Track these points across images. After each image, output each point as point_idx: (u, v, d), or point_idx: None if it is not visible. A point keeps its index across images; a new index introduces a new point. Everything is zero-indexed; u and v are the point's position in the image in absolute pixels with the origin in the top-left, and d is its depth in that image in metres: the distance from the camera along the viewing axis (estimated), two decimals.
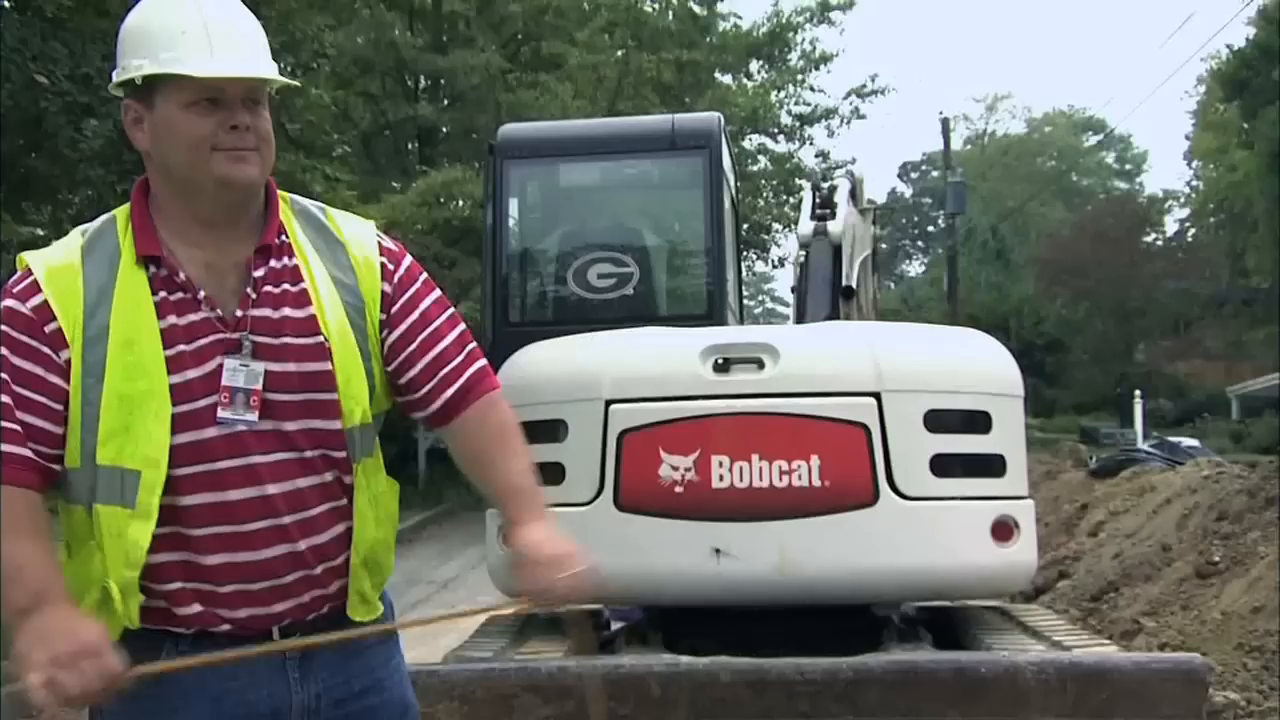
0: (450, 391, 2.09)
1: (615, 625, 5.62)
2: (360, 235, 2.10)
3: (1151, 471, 11.33)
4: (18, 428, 1.87)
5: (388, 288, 2.08)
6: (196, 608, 1.93)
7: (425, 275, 2.17)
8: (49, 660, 1.72)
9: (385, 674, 2.09)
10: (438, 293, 2.16)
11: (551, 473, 4.80)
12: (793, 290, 8.25)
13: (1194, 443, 15.64)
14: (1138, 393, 26.13)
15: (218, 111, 1.93)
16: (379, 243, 2.11)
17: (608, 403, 4.65)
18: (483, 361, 2.15)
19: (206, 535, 1.91)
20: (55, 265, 1.94)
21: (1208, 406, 35.87)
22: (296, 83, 1.96)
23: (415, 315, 2.09)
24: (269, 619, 1.94)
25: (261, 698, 1.94)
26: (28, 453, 1.87)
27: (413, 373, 2.08)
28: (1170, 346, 41.96)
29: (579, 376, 4.76)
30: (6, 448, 1.86)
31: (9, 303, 1.91)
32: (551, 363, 4.98)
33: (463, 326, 2.16)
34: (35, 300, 1.91)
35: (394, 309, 2.07)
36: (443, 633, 7.37)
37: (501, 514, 2.10)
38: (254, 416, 1.93)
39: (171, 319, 1.93)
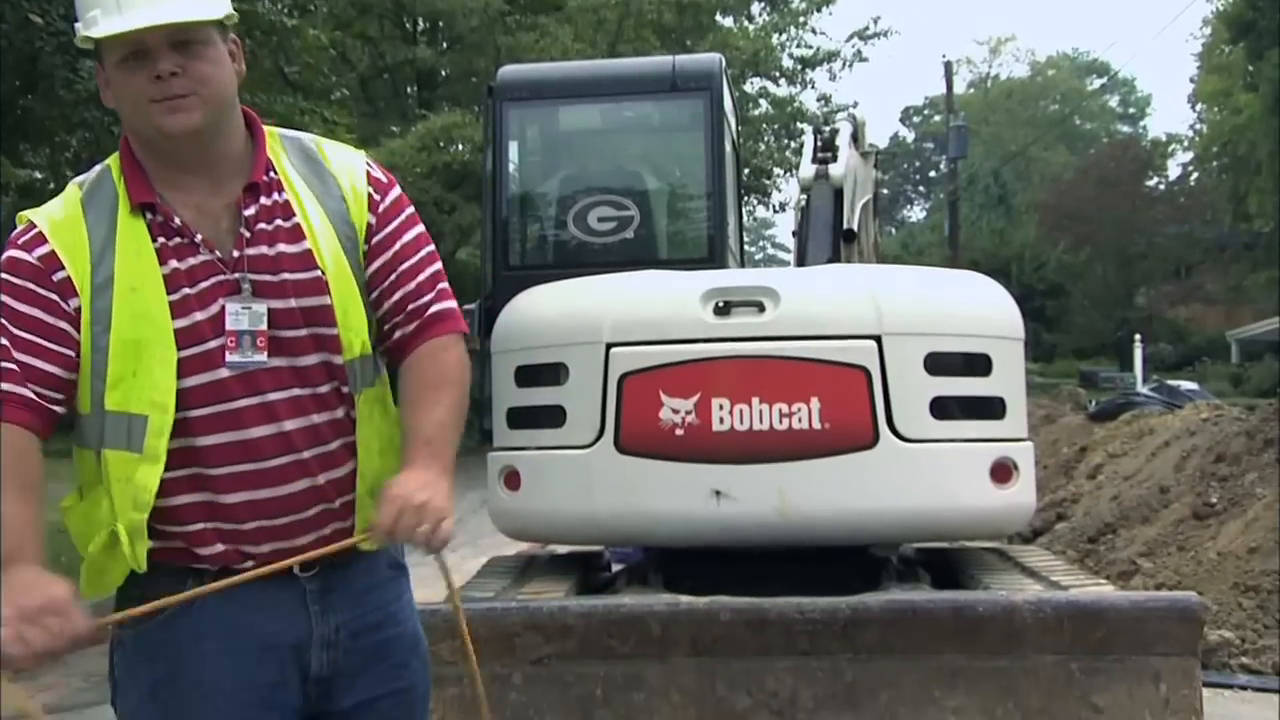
0: (411, 327, 2.06)
1: (616, 567, 5.68)
2: (350, 164, 2.07)
3: (1150, 415, 11.39)
4: (15, 367, 1.87)
5: (372, 219, 2.06)
6: (219, 547, 1.95)
7: (411, 210, 2.14)
8: (16, 615, 1.72)
9: (398, 608, 2.11)
10: (420, 228, 2.14)
11: (552, 416, 4.82)
12: (794, 235, 8.22)
13: (1193, 386, 15.66)
14: (1137, 337, 26.17)
15: (146, 64, 1.89)
16: (368, 172, 2.09)
17: (608, 346, 4.65)
18: (450, 303, 2.11)
19: (226, 474, 1.93)
20: (58, 219, 1.94)
21: (1207, 351, 35.93)
22: (215, 16, 1.90)
23: (395, 248, 2.07)
24: (289, 553, 1.95)
25: (282, 630, 1.96)
26: (26, 392, 1.87)
27: (386, 306, 2.07)
28: (1171, 291, 41.92)
29: (579, 320, 4.76)
30: (4, 386, 1.87)
31: (13, 253, 1.92)
32: (552, 306, 4.98)
33: (438, 265, 2.13)
34: (42, 250, 1.92)
35: (375, 240, 2.06)
36: (445, 555, 7.42)
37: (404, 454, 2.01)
38: (263, 357, 1.94)
39: (173, 264, 1.93)
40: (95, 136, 10.35)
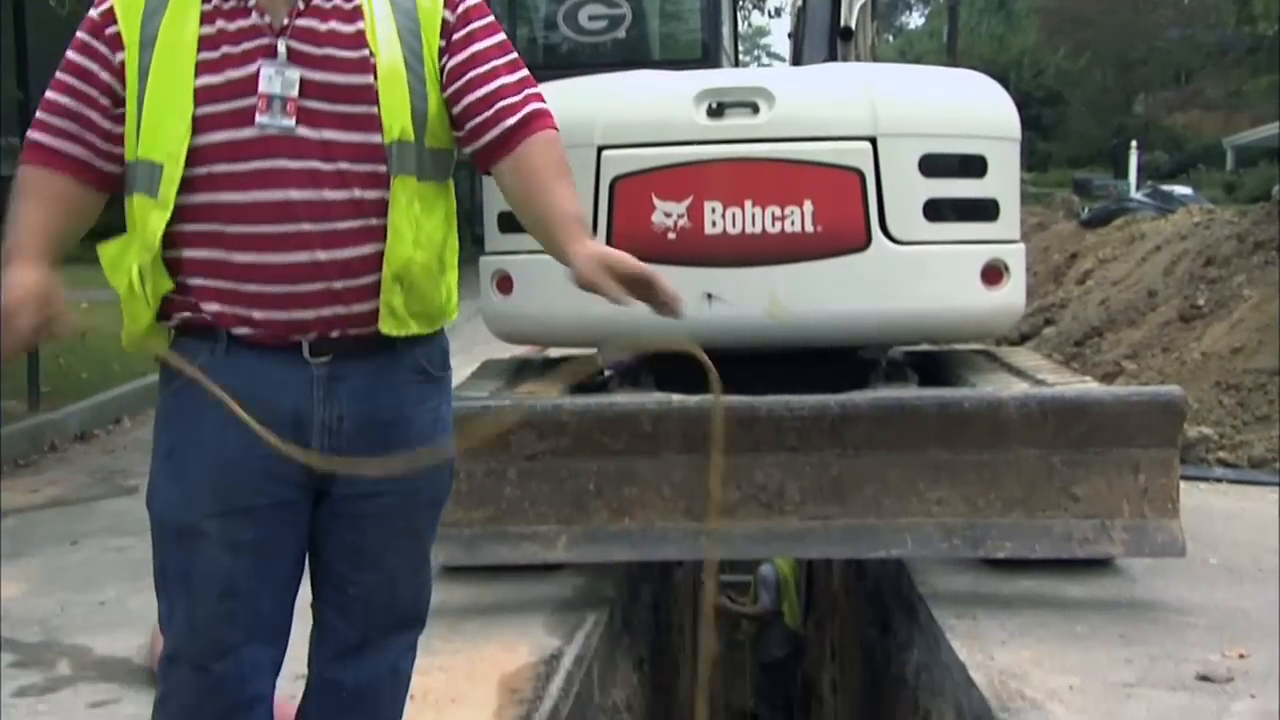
0: (509, 122, 2.09)
1: (608, 372, 5.75)
2: None
3: (1142, 220, 11.36)
4: (55, 121, 2.04)
5: (449, 15, 2.10)
6: (216, 306, 1.99)
7: (492, 17, 2.17)
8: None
9: (416, 413, 2.11)
10: (502, 35, 2.17)
11: None
12: (789, 37, 8.03)
13: (1186, 191, 15.56)
14: (1133, 144, 25.87)
15: None
16: None
17: (600, 149, 4.60)
18: (543, 104, 2.15)
19: (237, 234, 1.99)
20: None
21: (1203, 158, 35.57)
22: None
23: (477, 47, 2.10)
24: (287, 326, 1.99)
25: (285, 408, 2.00)
26: (70, 148, 2.03)
27: (470, 99, 2.09)
28: (1170, 98, 41.23)
29: (570, 122, 4.57)
30: (35, 135, 2.04)
31: (90, 12, 2.07)
32: None
33: (525, 71, 2.16)
34: (104, 6, 2.05)
35: (455, 36, 2.09)
36: None
37: (552, 241, 2.09)
38: (290, 122, 1.98)
39: (220, 24, 2.00)
40: None
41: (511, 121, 2.09)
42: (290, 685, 2.23)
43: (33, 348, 1.96)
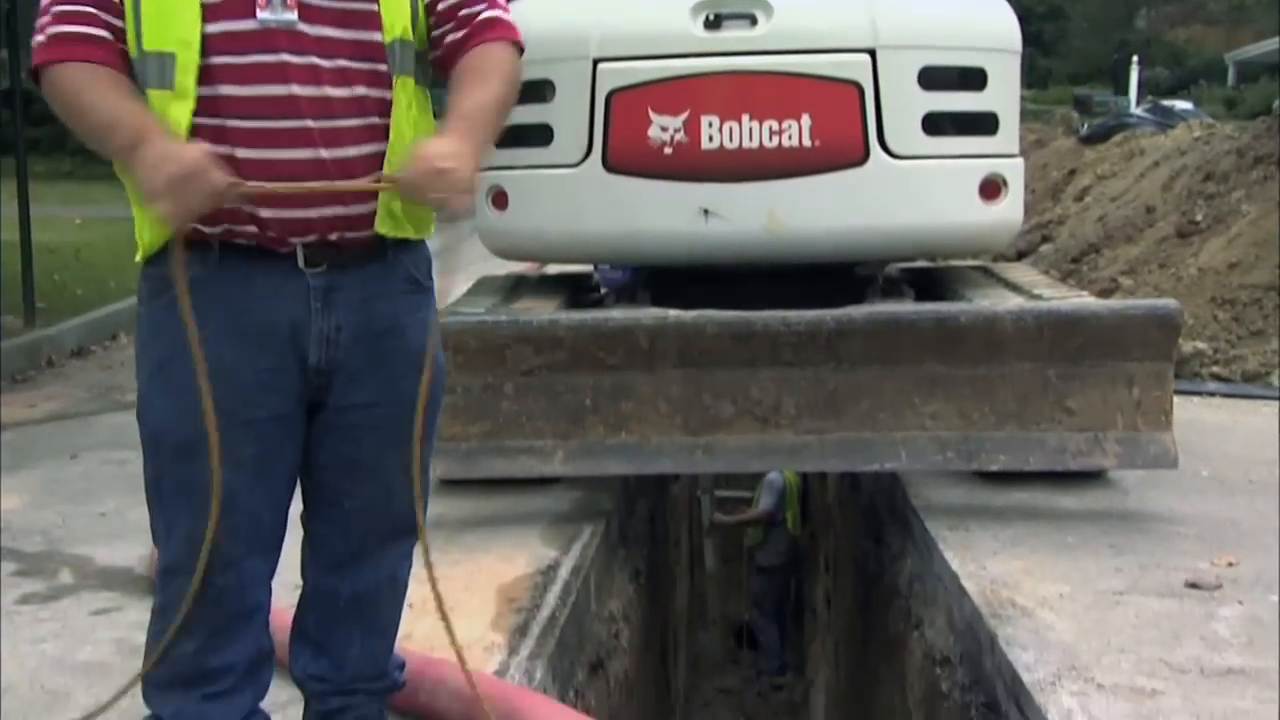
0: (462, 33, 2.09)
1: (605, 290, 5.74)
2: None
3: (1142, 135, 11.27)
4: (90, 9, 1.96)
5: None
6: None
7: None
8: (164, 185, 1.85)
9: (409, 323, 2.12)
10: None
11: (539, 134, 4.76)
12: None
13: (1187, 106, 15.42)
14: (1134, 59, 25.55)
15: None
16: None
17: (595, 61, 4.55)
18: (502, 13, 2.13)
19: (242, 129, 1.97)
20: None
21: (1204, 74, 35.21)
22: None
23: None
24: (290, 226, 1.98)
25: (282, 319, 2.01)
26: (100, 32, 1.96)
27: (440, 9, 2.09)
28: (1171, 12, 40.68)
29: (566, 35, 4.63)
30: (77, 28, 1.96)
31: None
32: (537, 21, 4.77)
33: None
34: None
35: None
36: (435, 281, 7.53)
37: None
38: (292, 16, 1.97)
39: None
40: None
41: (461, 34, 2.09)
42: (282, 593, 2.25)
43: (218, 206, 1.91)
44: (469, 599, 3.27)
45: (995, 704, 2.90)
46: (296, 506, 2.17)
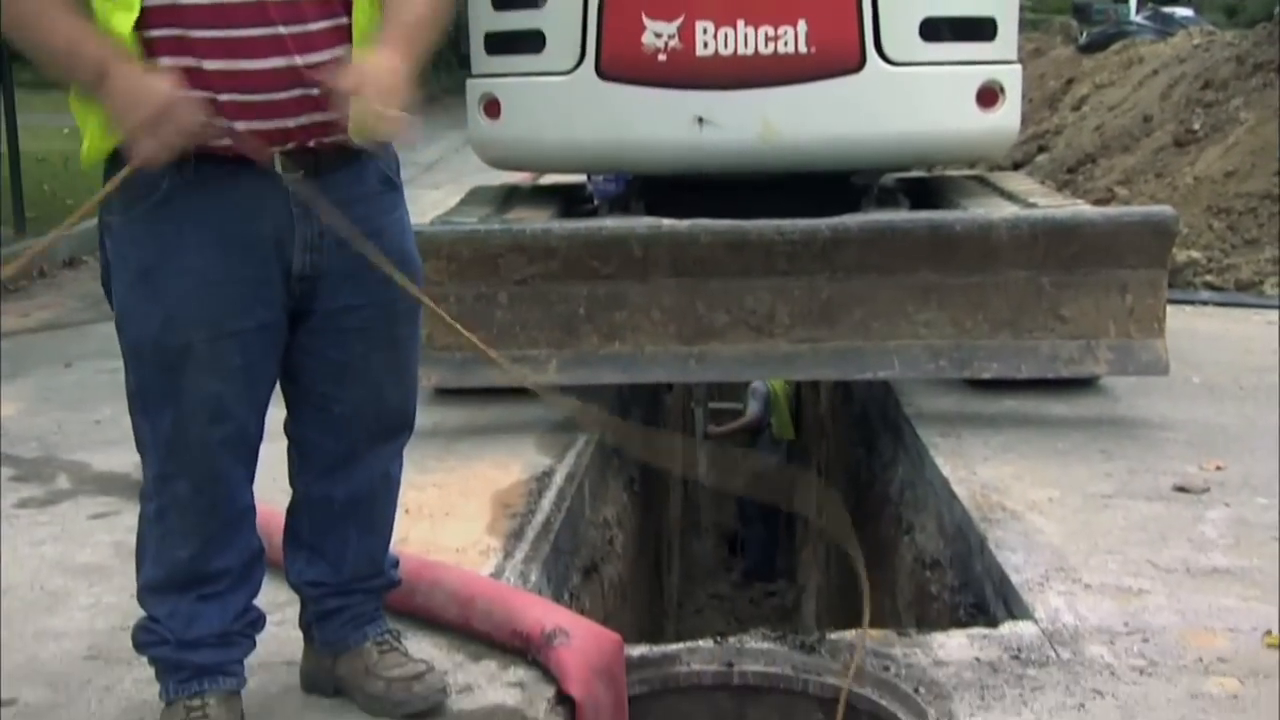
0: None
1: (598, 200, 5.71)
2: None
3: (1141, 43, 11.11)
4: None
5: None
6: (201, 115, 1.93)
7: None
8: (139, 126, 1.83)
9: (386, 223, 2.12)
10: None
11: (531, 41, 4.69)
12: None
13: (1188, 13, 15.18)
14: None
15: None
16: None
17: None
18: None
19: (206, 39, 1.92)
20: None
21: None
22: None
23: None
24: (267, 136, 1.95)
25: (265, 228, 1.99)
26: None
27: None
28: None
29: None
30: None
31: None
32: None
33: None
34: None
35: None
36: (427, 195, 7.49)
37: None
38: None
39: None
40: None
41: None
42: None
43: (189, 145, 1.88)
44: (465, 504, 3.30)
45: (984, 604, 2.95)
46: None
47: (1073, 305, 3.87)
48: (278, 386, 2.14)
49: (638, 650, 2.62)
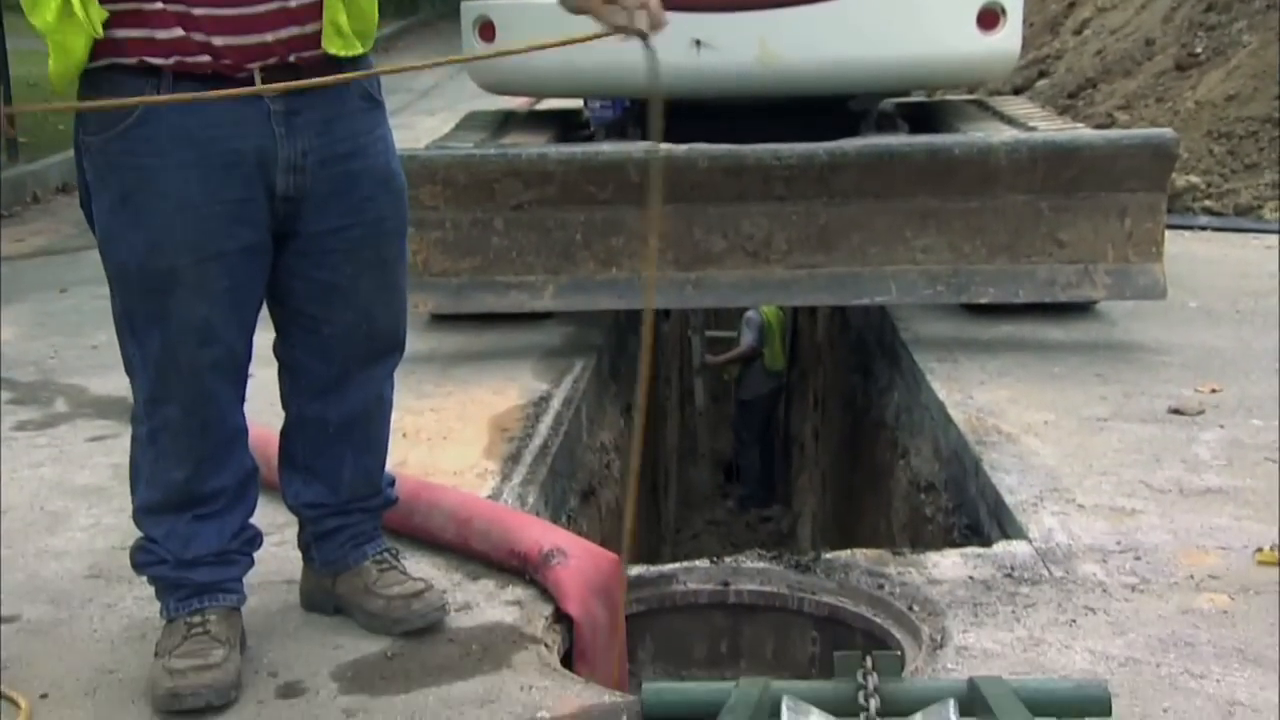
0: None
1: (594, 126, 5.66)
2: None
3: None
4: None
5: None
6: (179, 31, 1.91)
7: None
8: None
9: (369, 141, 2.10)
10: None
11: None
12: None
13: None
14: None
15: None
16: None
17: None
18: None
19: None
20: None
21: None
22: None
23: None
24: (246, 52, 1.93)
25: (247, 148, 1.97)
26: None
27: None
28: None
29: None
30: None
31: None
32: None
33: None
34: None
35: None
36: (422, 122, 7.43)
37: None
38: None
39: None
40: None
41: None
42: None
43: None
44: (462, 429, 3.31)
45: (978, 526, 2.97)
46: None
47: (1071, 229, 3.86)
48: (265, 309, 2.13)
49: (635, 570, 2.65)
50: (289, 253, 2.07)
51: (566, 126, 5.43)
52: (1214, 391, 3.42)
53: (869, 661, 1.85)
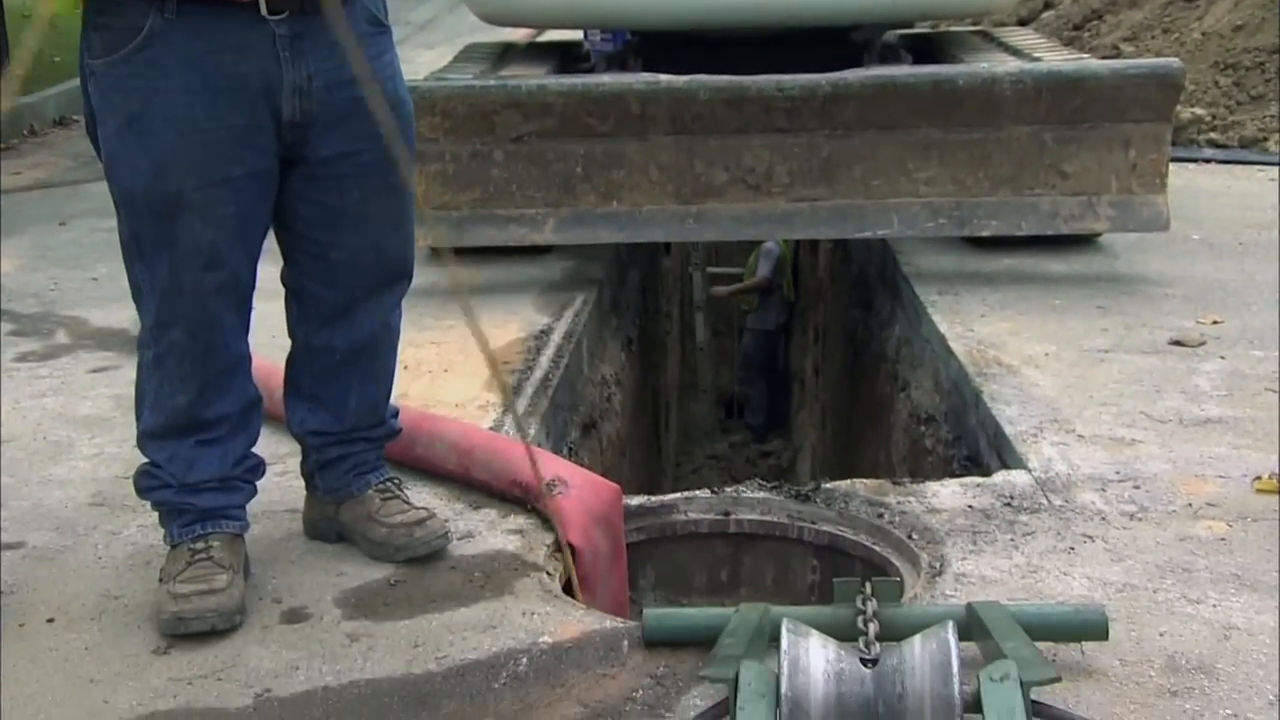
0: None
1: (595, 59, 5.60)
2: None
3: None
4: None
5: None
6: None
7: None
8: None
9: (376, 67, 2.06)
10: None
11: None
12: None
13: None
14: None
15: None
16: None
17: None
18: None
19: None
20: None
21: None
22: None
23: None
24: None
25: (252, 72, 1.95)
26: None
27: None
28: None
29: None
30: None
31: None
32: None
33: None
34: None
35: None
36: (420, 55, 7.36)
37: None
38: None
39: None
40: None
41: None
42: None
43: None
44: (463, 361, 3.31)
45: (977, 457, 2.98)
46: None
47: (1075, 161, 3.83)
48: (271, 236, 2.13)
49: (636, 500, 2.66)
50: (297, 177, 2.06)
51: (566, 58, 5.38)
52: (1215, 323, 3.42)
53: (868, 587, 1.87)
